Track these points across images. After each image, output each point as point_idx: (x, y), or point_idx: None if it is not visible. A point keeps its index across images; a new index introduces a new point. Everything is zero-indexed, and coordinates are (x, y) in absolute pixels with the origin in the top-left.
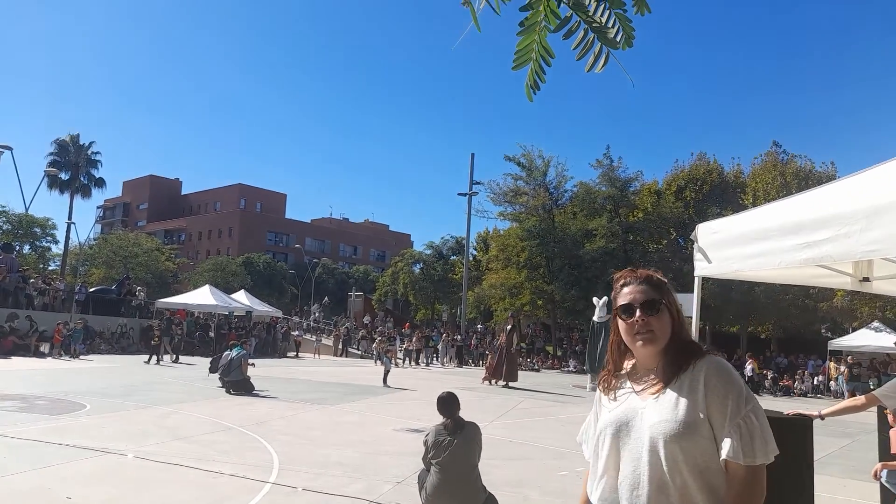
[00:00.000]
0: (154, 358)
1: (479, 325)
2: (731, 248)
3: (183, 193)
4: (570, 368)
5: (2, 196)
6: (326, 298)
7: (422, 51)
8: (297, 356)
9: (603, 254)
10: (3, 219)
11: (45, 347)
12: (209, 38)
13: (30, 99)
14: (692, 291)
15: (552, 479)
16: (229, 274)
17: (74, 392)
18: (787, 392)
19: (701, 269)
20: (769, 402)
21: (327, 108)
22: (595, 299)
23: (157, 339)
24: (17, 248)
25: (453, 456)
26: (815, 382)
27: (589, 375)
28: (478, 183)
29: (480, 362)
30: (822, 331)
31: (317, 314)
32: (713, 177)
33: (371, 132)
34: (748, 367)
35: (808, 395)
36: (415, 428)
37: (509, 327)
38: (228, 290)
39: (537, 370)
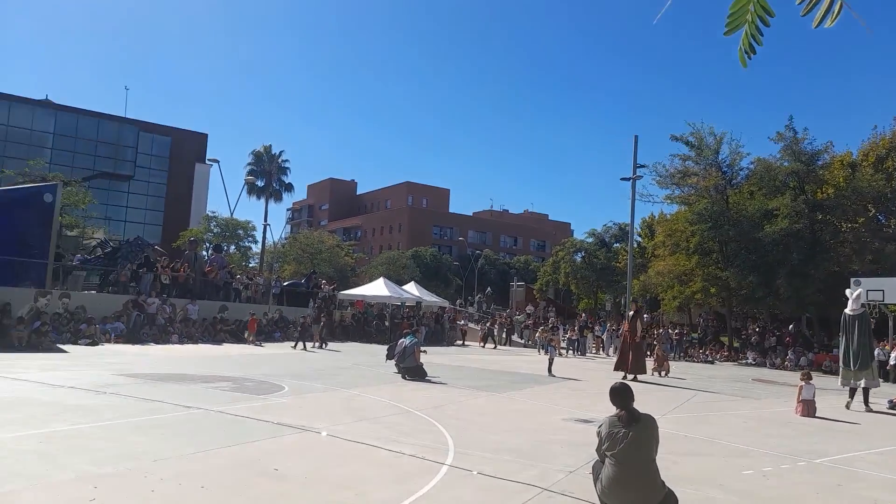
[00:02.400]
0: (301, 344)
1: (645, 315)
2: None
3: (358, 193)
4: (749, 361)
5: (212, 203)
6: (489, 289)
7: (578, 33)
8: (463, 344)
9: (786, 235)
10: (214, 223)
11: (247, 335)
12: (373, 43)
13: (229, 116)
14: None
15: (736, 478)
16: (400, 267)
17: (274, 375)
18: None
19: None
20: None
21: (487, 102)
22: (848, 291)
23: (301, 326)
24: (225, 248)
25: (629, 448)
26: None
27: (841, 371)
28: (642, 166)
29: (648, 353)
30: None
31: (483, 304)
32: None
33: (531, 121)
34: (893, 355)
35: None
36: (583, 418)
37: (632, 313)
38: (400, 282)
39: (711, 362)
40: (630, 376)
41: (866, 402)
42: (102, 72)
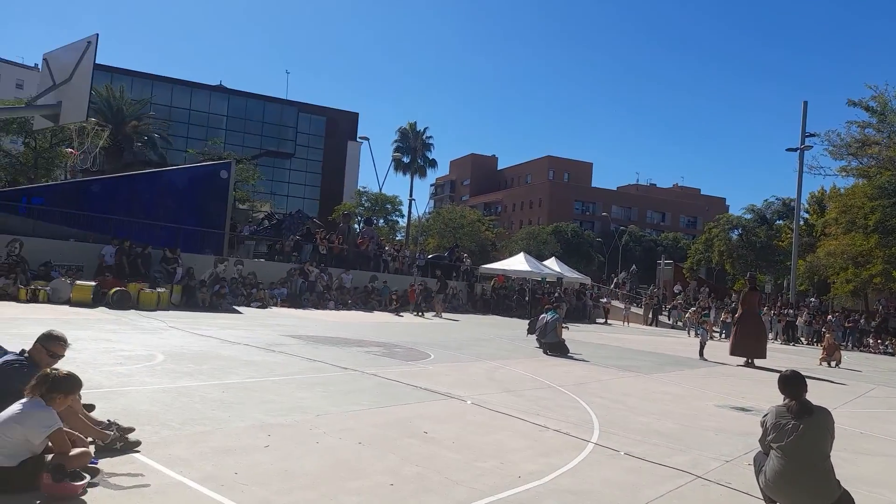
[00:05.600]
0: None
1: (812, 299)
2: None
3: (498, 169)
4: None
5: (363, 179)
6: (634, 266)
7: None
8: (605, 323)
9: None
10: (365, 198)
11: (395, 305)
12: (511, 14)
13: (378, 94)
14: None
15: None
16: (540, 242)
17: (421, 343)
18: None
19: None
20: None
21: (632, 70)
22: None
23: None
24: (375, 222)
25: (799, 442)
26: None
27: None
28: (812, 135)
29: (814, 341)
30: None
31: (626, 282)
32: None
33: (682, 87)
34: None
35: None
36: (740, 406)
37: (746, 290)
38: (540, 258)
39: (892, 354)
40: (748, 360)
41: None
42: (266, 57)
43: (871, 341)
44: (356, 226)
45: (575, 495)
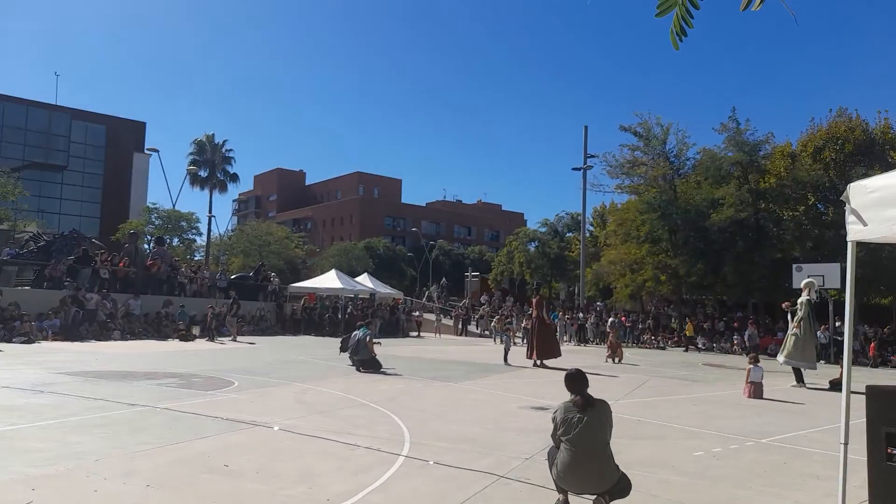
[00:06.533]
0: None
1: (598, 303)
2: (891, 208)
3: (307, 184)
4: (700, 346)
5: (153, 194)
6: (444, 279)
7: (528, 24)
8: (419, 335)
9: (731, 223)
10: (155, 215)
11: (195, 330)
12: (321, 30)
13: (170, 104)
14: (835, 261)
15: (688, 460)
16: (353, 258)
17: (223, 370)
18: None
19: (855, 232)
20: None
21: (437, 92)
22: (805, 281)
23: (208, 319)
24: (168, 241)
25: (584, 433)
26: None
27: (790, 351)
28: (592, 156)
29: (601, 341)
30: None
31: (435, 295)
32: (856, 134)
33: (481, 112)
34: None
35: None
36: (539, 405)
37: (534, 298)
38: (353, 274)
39: (663, 348)
40: (538, 361)
41: (801, 379)
42: (29, 56)
43: (646, 338)
44: (146, 246)
45: None
